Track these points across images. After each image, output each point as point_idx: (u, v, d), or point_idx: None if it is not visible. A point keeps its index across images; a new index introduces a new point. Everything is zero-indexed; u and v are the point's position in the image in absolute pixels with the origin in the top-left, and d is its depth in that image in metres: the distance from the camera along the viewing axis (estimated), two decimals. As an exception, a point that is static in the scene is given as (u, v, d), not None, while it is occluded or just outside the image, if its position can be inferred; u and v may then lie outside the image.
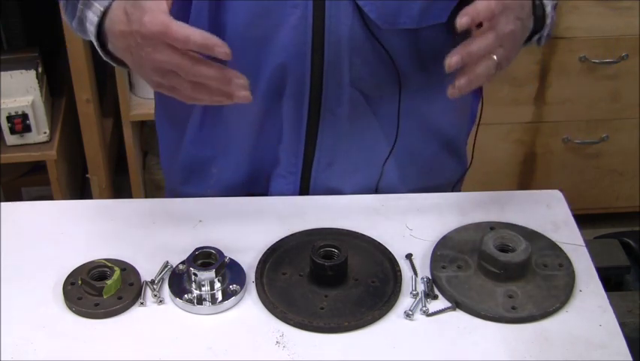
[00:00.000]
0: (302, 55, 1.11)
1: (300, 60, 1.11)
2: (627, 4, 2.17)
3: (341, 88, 1.15)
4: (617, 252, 1.23)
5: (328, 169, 1.22)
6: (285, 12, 1.09)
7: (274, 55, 1.12)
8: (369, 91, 1.17)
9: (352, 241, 1.13)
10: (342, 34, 1.10)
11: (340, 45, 1.11)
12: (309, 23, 1.09)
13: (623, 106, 2.33)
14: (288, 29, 1.09)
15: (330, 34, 1.10)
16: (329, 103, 1.15)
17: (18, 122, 2.04)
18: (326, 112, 1.16)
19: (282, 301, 1.04)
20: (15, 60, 2.04)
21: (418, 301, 1.05)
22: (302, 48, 1.10)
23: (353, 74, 1.14)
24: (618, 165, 2.44)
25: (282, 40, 1.10)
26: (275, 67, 1.13)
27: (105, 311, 1.03)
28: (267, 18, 1.09)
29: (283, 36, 1.10)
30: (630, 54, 2.23)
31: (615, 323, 1.02)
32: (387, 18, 1.10)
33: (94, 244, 1.13)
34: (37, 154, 2.10)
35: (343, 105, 1.16)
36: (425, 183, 1.28)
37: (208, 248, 1.06)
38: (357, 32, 1.10)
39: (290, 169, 1.21)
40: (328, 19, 1.09)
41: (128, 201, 1.25)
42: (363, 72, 1.14)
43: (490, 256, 1.06)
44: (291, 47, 1.11)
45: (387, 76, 1.16)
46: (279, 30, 1.10)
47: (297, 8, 1.08)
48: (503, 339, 1.00)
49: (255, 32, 1.11)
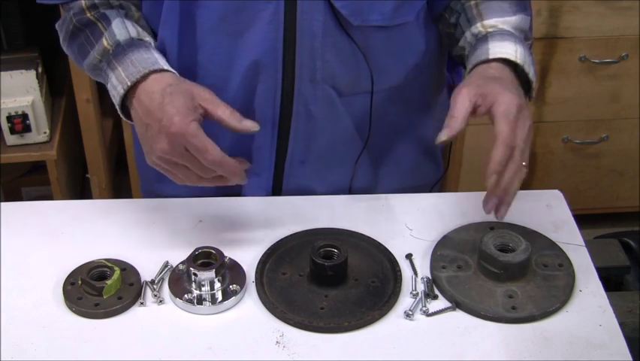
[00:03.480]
0: (274, 51, 1.11)
1: (272, 56, 1.12)
2: (627, 4, 2.17)
3: (314, 85, 1.15)
4: (617, 252, 1.23)
5: (301, 167, 1.22)
6: (257, 8, 1.09)
7: (247, 51, 1.12)
8: (342, 88, 1.17)
9: (352, 241, 1.13)
10: (315, 31, 1.10)
11: (313, 42, 1.11)
12: (281, 19, 1.09)
13: (623, 106, 2.33)
14: (261, 25, 1.10)
15: (303, 31, 1.10)
16: (302, 100, 1.16)
17: (18, 122, 2.04)
18: (299, 108, 1.16)
19: (282, 301, 1.04)
20: (15, 60, 2.04)
21: (418, 301, 1.05)
22: (274, 44, 1.11)
23: (326, 71, 1.14)
24: (618, 165, 2.44)
25: (254, 37, 1.11)
26: (248, 63, 1.13)
27: (105, 311, 1.03)
28: (239, 14, 1.10)
29: (256, 32, 1.10)
30: (630, 54, 2.23)
31: (615, 323, 1.02)
32: (359, 15, 1.11)
33: (94, 244, 1.13)
34: (37, 154, 2.10)
35: (316, 102, 1.16)
36: (400, 185, 1.28)
37: (208, 248, 1.06)
38: (329, 29, 1.11)
39: (263, 166, 1.21)
40: (300, 15, 1.09)
41: (128, 201, 1.25)
42: (336, 69, 1.15)
43: (490, 256, 1.06)
44: (264, 43, 1.11)
45: (360, 73, 1.16)
46: (252, 26, 1.10)
47: (269, 4, 1.08)
48: (503, 339, 1.00)
49: (228, 28, 1.11)
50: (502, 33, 1.12)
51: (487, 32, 1.13)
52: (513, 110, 1.02)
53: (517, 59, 1.09)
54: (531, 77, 1.10)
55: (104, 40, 1.11)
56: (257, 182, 1.22)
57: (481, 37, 1.13)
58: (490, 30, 1.14)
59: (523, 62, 1.09)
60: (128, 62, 1.08)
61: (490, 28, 1.14)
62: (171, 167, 1.05)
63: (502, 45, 1.10)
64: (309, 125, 1.18)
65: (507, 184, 1.02)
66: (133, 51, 1.09)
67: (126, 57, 1.09)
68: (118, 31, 1.11)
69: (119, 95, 1.08)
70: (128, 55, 1.09)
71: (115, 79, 1.09)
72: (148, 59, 1.08)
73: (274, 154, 1.20)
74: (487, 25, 1.14)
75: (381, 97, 1.20)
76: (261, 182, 1.22)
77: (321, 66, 1.13)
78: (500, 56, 1.09)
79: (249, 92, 1.15)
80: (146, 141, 1.06)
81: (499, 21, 1.14)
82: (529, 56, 1.12)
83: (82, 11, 1.13)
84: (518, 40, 1.12)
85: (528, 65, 1.10)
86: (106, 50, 1.11)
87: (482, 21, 1.15)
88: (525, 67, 1.09)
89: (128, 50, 1.09)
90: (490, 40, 1.11)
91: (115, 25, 1.11)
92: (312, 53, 1.12)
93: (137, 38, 1.12)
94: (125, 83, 1.07)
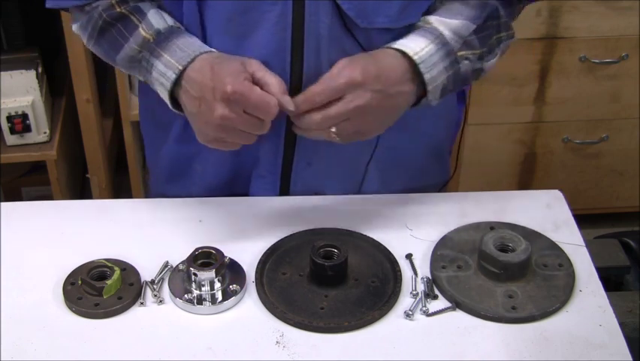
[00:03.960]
0: (282, 52, 1.11)
1: (280, 57, 1.12)
2: (627, 4, 2.17)
3: None
4: (617, 252, 1.23)
5: (308, 169, 1.22)
6: (264, 9, 1.09)
7: (253, 52, 1.11)
8: None
9: (352, 241, 1.13)
10: (322, 32, 1.10)
11: (320, 43, 1.11)
12: (288, 21, 1.09)
13: (623, 106, 2.33)
14: (268, 26, 1.10)
15: (310, 32, 1.10)
16: None
17: (18, 122, 2.04)
18: None
19: (282, 301, 1.04)
20: (15, 60, 2.03)
21: (418, 301, 1.05)
22: (281, 45, 1.11)
23: None
24: (618, 165, 2.44)
25: (262, 37, 1.10)
26: None
27: (105, 311, 1.03)
28: (245, 15, 1.10)
29: (263, 33, 1.10)
30: (630, 54, 2.23)
31: (615, 323, 1.02)
32: (366, 17, 1.10)
33: (94, 244, 1.13)
34: (37, 154, 2.10)
35: None
36: (408, 187, 1.28)
37: (208, 248, 1.06)
38: (336, 30, 1.11)
39: (270, 169, 1.21)
40: (307, 17, 1.09)
41: (128, 201, 1.25)
42: None
43: (490, 256, 1.06)
44: (271, 44, 1.11)
45: None
46: (259, 27, 1.10)
47: (276, 5, 1.08)
48: (503, 339, 1.00)
49: (235, 29, 1.11)
50: (428, 30, 1.11)
51: (417, 26, 1.13)
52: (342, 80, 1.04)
53: (415, 55, 1.08)
54: (427, 78, 1.08)
55: (142, 31, 1.11)
56: (264, 184, 1.22)
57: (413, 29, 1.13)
58: (421, 24, 1.13)
59: (422, 61, 1.08)
60: (175, 48, 1.08)
61: (423, 23, 1.13)
62: (228, 134, 1.05)
63: (414, 40, 1.10)
64: None
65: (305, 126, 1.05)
66: (177, 37, 1.10)
67: (171, 43, 1.09)
68: (155, 21, 1.11)
69: (169, 80, 1.08)
70: (173, 41, 1.09)
71: (162, 65, 1.09)
72: (194, 43, 1.09)
73: (281, 157, 1.20)
74: (425, 20, 1.14)
75: None
76: (268, 184, 1.22)
77: (327, 66, 1.13)
78: (399, 47, 1.09)
79: None
80: (201, 115, 1.05)
81: (437, 20, 1.13)
82: (444, 61, 1.10)
83: (111, 6, 1.13)
84: (440, 43, 1.10)
85: (431, 67, 1.09)
86: (146, 39, 1.10)
87: (425, 16, 1.14)
88: (422, 66, 1.08)
89: (171, 36, 1.10)
90: (411, 33, 1.11)
91: (151, 16, 1.11)
92: (319, 55, 1.12)
93: (175, 26, 1.12)
94: (175, 67, 1.07)
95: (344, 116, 1.05)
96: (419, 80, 1.09)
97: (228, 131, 1.05)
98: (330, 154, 1.21)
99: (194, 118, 1.08)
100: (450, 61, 1.11)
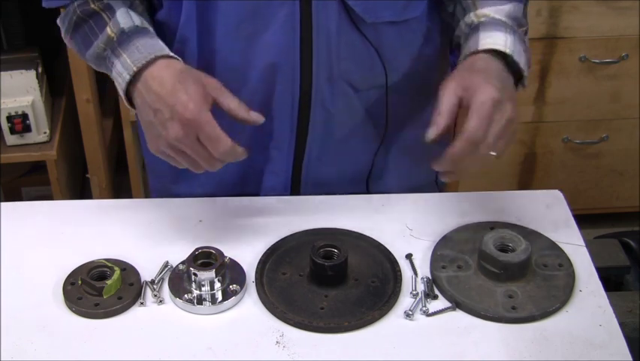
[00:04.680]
0: (291, 52, 1.12)
1: (289, 57, 1.12)
2: (627, 4, 2.17)
3: (331, 83, 1.16)
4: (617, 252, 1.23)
5: (319, 162, 1.23)
6: (272, 10, 1.09)
7: (264, 53, 1.12)
8: (358, 84, 1.18)
9: (352, 241, 1.13)
10: (330, 30, 1.11)
11: (328, 40, 1.12)
12: (296, 20, 1.10)
13: (623, 106, 2.33)
14: (277, 27, 1.10)
15: (318, 30, 1.11)
16: (319, 97, 1.16)
17: (18, 122, 2.04)
18: (316, 106, 1.17)
19: (282, 301, 1.04)
20: (15, 60, 2.04)
21: (418, 301, 1.05)
22: (291, 45, 1.11)
23: (342, 69, 1.15)
24: (618, 165, 2.44)
25: (271, 39, 1.11)
26: (265, 65, 1.13)
27: (105, 311, 1.03)
28: (255, 17, 1.10)
29: (272, 34, 1.11)
30: (630, 54, 2.23)
31: (615, 323, 1.02)
32: (372, 11, 1.12)
33: (94, 244, 1.13)
34: (37, 154, 2.10)
35: (333, 99, 1.17)
36: (417, 178, 1.29)
37: (208, 248, 1.06)
38: (343, 27, 1.12)
39: (282, 166, 1.22)
40: (315, 15, 1.10)
41: (128, 201, 1.25)
42: (352, 66, 1.16)
43: (490, 256, 1.06)
44: (280, 45, 1.11)
45: (374, 68, 1.17)
46: (268, 28, 1.11)
47: (284, 6, 1.09)
48: (503, 339, 1.00)
49: (244, 31, 1.12)
50: (493, 22, 1.13)
51: (479, 22, 1.14)
52: (488, 104, 1.02)
53: (507, 49, 1.09)
54: (522, 65, 1.10)
55: (108, 29, 1.10)
56: (275, 180, 1.23)
57: (474, 26, 1.14)
58: (483, 19, 1.14)
59: (512, 52, 1.09)
60: (134, 48, 1.08)
61: (483, 18, 1.14)
62: (178, 155, 1.05)
63: (492, 35, 1.11)
64: (326, 122, 1.19)
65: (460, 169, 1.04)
66: (138, 38, 1.09)
67: (131, 44, 1.08)
68: (122, 20, 1.10)
69: (124, 81, 1.07)
70: (133, 41, 1.08)
71: (120, 65, 1.08)
72: (154, 45, 1.08)
73: (292, 153, 1.21)
74: (480, 14, 1.15)
75: (396, 90, 1.21)
76: (279, 180, 1.23)
77: (337, 64, 1.14)
78: (489, 47, 1.10)
79: (268, 94, 1.16)
80: (153, 127, 1.05)
81: (491, 10, 1.14)
82: (521, 44, 1.12)
83: (85, 2, 1.13)
84: (509, 29, 1.12)
85: (518, 54, 1.10)
86: (110, 38, 1.10)
87: (475, 10, 1.15)
88: (515, 56, 1.09)
89: (132, 36, 1.09)
90: (481, 30, 1.12)
91: (119, 15, 1.11)
92: (328, 52, 1.13)
93: (141, 26, 1.11)
94: (130, 68, 1.06)
95: (502, 135, 1.04)
96: (512, 69, 1.10)
97: (177, 152, 1.05)
98: (340, 147, 1.22)
99: (147, 126, 1.07)
100: (524, 43, 1.12)
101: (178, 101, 1.02)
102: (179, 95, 1.02)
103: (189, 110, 1.01)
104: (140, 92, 1.06)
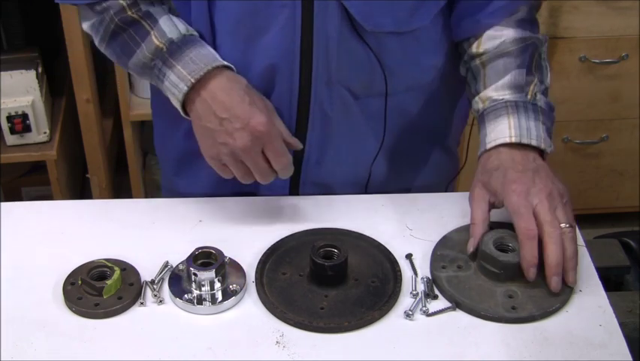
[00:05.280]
0: (291, 54, 1.12)
1: (289, 60, 1.12)
2: (627, 4, 2.17)
3: (330, 87, 1.15)
4: (617, 252, 1.23)
5: (317, 166, 1.22)
6: (273, 12, 1.09)
7: (263, 54, 1.13)
8: (357, 90, 1.18)
9: (352, 241, 1.13)
10: (330, 35, 1.11)
11: (328, 45, 1.11)
12: (297, 24, 1.10)
13: (623, 106, 2.33)
14: (277, 29, 1.10)
15: (319, 35, 1.10)
16: (318, 101, 1.16)
17: (18, 122, 2.04)
18: (315, 110, 1.17)
19: (282, 301, 1.04)
20: (15, 60, 2.03)
21: (418, 301, 1.05)
22: (291, 48, 1.11)
23: (341, 74, 1.15)
24: (618, 165, 2.44)
25: (271, 40, 1.11)
26: (264, 66, 1.13)
27: (105, 311, 1.03)
28: (255, 17, 1.10)
29: (272, 36, 1.11)
30: (630, 54, 2.23)
31: (615, 323, 1.02)
32: (372, 20, 1.11)
33: (94, 244, 1.13)
34: (37, 154, 2.10)
35: (332, 104, 1.17)
36: (416, 181, 1.28)
37: (208, 248, 1.06)
38: (344, 33, 1.11)
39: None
40: (316, 20, 1.09)
41: (128, 201, 1.25)
42: (351, 72, 1.15)
43: (490, 256, 1.06)
44: (280, 47, 1.12)
45: (374, 76, 1.17)
46: (268, 30, 1.11)
47: (285, 8, 1.09)
48: (503, 339, 1.00)
49: (245, 32, 1.12)
50: (496, 108, 1.14)
51: (484, 109, 1.15)
52: (519, 199, 1.05)
53: (512, 138, 1.10)
54: (534, 143, 1.11)
55: (154, 39, 1.12)
56: (274, 182, 1.23)
57: (480, 115, 1.16)
58: (487, 106, 1.15)
59: (519, 137, 1.10)
60: (187, 60, 1.10)
61: (487, 102, 1.15)
62: (235, 163, 1.09)
63: (496, 128, 1.12)
64: (325, 126, 1.19)
65: (557, 258, 1.03)
66: (189, 48, 1.11)
67: (183, 54, 1.10)
68: (168, 29, 1.12)
69: (181, 92, 1.10)
70: (185, 52, 1.10)
71: (175, 77, 1.10)
72: (207, 55, 1.11)
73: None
74: (484, 97, 1.16)
75: (397, 98, 1.20)
76: (278, 182, 1.23)
77: (336, 69, 1.14)
78: (495, 144, 1.11)
79: (266, 94, 1.16)
80: (216, 135, 1.08)
81: (493, 89, 1.16)
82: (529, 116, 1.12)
83: (122, 10, 1.13)
84: (512, 108, 1.13)
85: (527, 133, 1.11)
86: (158, 48, 1.12)
87: (483, 90, 1.17)
88: (523, 139, 1.10)
89: (183, 47, 1.11)
90: (486, 122, 1.14)
91: (163, 23, 1.13)
92: (328, 57, 1.12)
93: (188, 34, 1.13)
94: (187, 80, 1.09)
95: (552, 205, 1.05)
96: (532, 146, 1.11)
97: (237, 161, 1.09)
98: (340, 150, 1.22)
99: (205, 132, 1.10)
100: (532, 111, 1.13)
101: (252, 115, 1.07)
102: (253, 109, 1.07)
103: (262, 124, 1.07)
104: (205, 100, 1.09)
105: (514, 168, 1.09)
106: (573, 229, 1.06)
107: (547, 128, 1.14)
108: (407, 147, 1.27)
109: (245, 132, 1.07)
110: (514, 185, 1.07)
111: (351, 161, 1.24)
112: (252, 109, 1.07)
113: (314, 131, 1.19)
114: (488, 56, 1.17)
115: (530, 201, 1.05)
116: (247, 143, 1.07)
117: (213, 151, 1.10)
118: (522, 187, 1.06)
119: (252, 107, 1.08)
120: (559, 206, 1.06)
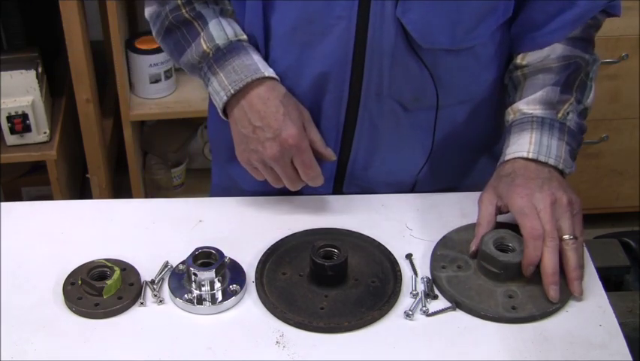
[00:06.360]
0: (343, 64, 1.13)
1: (341, 69, 1.13)
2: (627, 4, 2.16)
3: (380, 99, 1.15)
4: (617, 252, 1.23)
5: (363, 171, 1.23)
6: (330, 22, 1.10)
7: (317, 62, 1.13)
8: (408, 103, 1.17)
9: (352, 241, 1.13)
10: (384, 49, 1.11)
11: (381, 58, 1.11)
12: (352, 35, 1.10)
13: (623, 106, 2.33)
14: (332, 39, 1.11)
15: (373, 48, 1.11)
16: (367, 112, 1.17)
17: (18, 122, 2.04)
18: (363, 121, 1.17)
19: (282, 301, 1.04)
20: (15, 60, 2.04)
21: (418, 301, 1.05)
22: (344, 58, 1.12)
23: (392, 87, 1.14)
24: (618, 165, 2.44)
25: (325, 49, 1.12)
26: (317, 73, 1.14)
27: (105, 311, 1.03)
28: (312, 25, 1.11)
29: (327, 45, 1.12)
30: (630, 54, 2.23)
31: (615, 323, 1.02)
32: (429, 38, 1.10)
33: (94, 244, 1.13)
34: (37, 154, 2.10)
35: (381, 115, 1.17)
36: (462, 185, 1.29)
37: (208, 248, 1.06)
38: (398, 48, 1.11)
39: (325, 171, 1.21)
40: (371, 33, 1.09)
41: (128, 201, 1.25)
42: (403, 85, 1.15)
43: (490, 256, 1.06)
44: (334, 56, 1.12)
45: (426, 90, 1.16)
46: (323, 38, 1.11)
47: (342, 19, 1.09)
48: (503, 339, 1.00)
49: (300, 38, 1.13)
50: (522, 122, 1.14)
51: (512, 121, 1.16)
52: (523, 202, 1.06)
53: (530, 153, 1.11)
54: (552, 162, 1.11)
55: (203, 42, 1.15)
56: None
57: (508, 125, 1.17)
58: (516, 117, 1.16)
59: (537, 154, 1.10)
60: (230, 69, 1.13)
61: (517, 114, 1.16)
62: (265, 169, 1.14)
63: (518, 140, 1.13)
64: (372, 136, 1.19)
65: (553, 267, 1.03)
66: (233, 56, 1.13)
67: (227, 63, 1.13)
68: (216, 33, 1.15)
69: (221, 100, 1.14)
70: (229, 61, 1.13)
71: (217, 84, 1.14)
72: (250, 65, 1.13)
73: (337, 161, 1.22)
74: (515, 109, 1.17)
75: (448, 110, 1.20)
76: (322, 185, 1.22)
77: (388, 82, 1.14)
78: (512, 157, 1.12)
79: (317, 100, 1.16)
80: (249, 141, 1.12)
81: (524, 102, 1.16)
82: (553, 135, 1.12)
83: (177, 7, 1.17)
84: (537, 123, 1.13)
85: (547, 151, 1.11)
86: (205, 53, 1.15)
87: (516, 102, 1.17)
88: (540, 157, 1.10)
89: (228, 55, 1.14)
90: (510, 135, 1.15)
91: (212, 27, 1.15)
92: (380, 70, 1.12)
93: (235, 40, 1.15)
94: (227, 90, 1.12)
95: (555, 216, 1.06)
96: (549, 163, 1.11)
97: (267, 167, 1.12)
98: (385, 161, 1.23)
99: (241, 137, 1.13)
100: (558, 130, 1.13)
101: (285, 127, 1.10)
102: (285, 121, 1.10)
103: (293, 137, 1.10)
104: (243, 107, 1.13)
105: (524, 176, 1.09)
106: (577, 240, 1.05)
107: (571, 149, 1.14)
108: (455, 157, 1.27)
109: (275, 143, 1.10)
110: (519, 188, 1.07)
111: (397, 169, 1.25)
112: (285, 120, 1.10)
113: (361, 140, 1.20)
114: (530, 69, 1.17)
115: (534, 205, 1.05)
116: (276, 153, 1.10)
117: (245, 156, 1.14)
118: (527, 191, 1.07)
119: (286, 118, 1.10)
120: (565, 216, 1.06)
